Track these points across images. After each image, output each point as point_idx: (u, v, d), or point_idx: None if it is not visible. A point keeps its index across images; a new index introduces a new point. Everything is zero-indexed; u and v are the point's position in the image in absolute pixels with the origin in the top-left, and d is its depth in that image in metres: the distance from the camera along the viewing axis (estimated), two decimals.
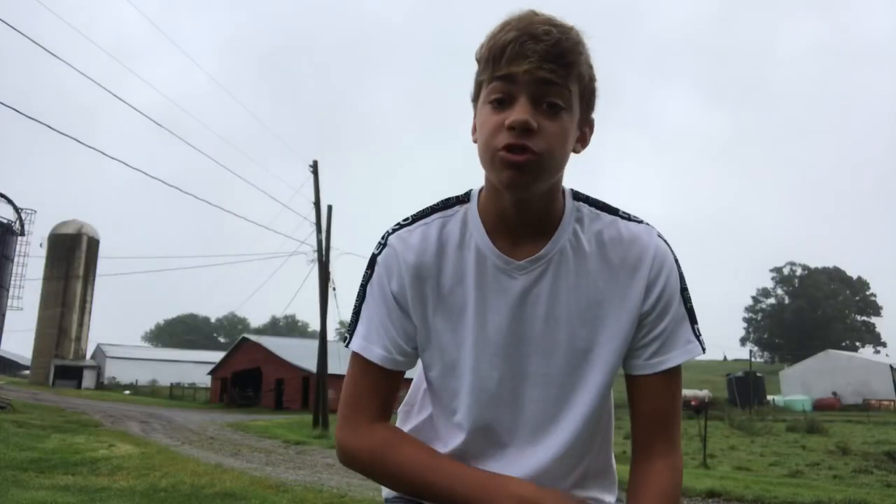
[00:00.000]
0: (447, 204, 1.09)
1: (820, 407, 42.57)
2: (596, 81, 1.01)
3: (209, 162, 17.68)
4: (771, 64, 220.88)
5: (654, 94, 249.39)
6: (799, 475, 10.64)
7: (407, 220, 1.10)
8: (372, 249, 1.11)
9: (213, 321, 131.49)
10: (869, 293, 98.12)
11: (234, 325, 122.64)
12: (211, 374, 47.30)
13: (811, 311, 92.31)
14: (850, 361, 52.38)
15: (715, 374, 72.01)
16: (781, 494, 7.77)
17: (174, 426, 19.23)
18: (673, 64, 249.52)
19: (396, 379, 1.11)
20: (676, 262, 1.06)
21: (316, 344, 22.48)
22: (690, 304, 1.07)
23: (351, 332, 1.10)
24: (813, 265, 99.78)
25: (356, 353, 1.08)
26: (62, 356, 59.98)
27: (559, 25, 0.92)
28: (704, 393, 41.98)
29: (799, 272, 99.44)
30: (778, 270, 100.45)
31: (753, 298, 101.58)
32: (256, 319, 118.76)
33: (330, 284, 20.89)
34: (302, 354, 36.10)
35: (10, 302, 30.22)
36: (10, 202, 27.88)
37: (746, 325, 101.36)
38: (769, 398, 44.00)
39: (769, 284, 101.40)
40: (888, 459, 12.78)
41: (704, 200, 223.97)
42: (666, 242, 1.06)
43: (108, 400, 37.15)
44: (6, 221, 27.40)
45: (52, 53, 11.22)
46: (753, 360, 63.56)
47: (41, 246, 50.16)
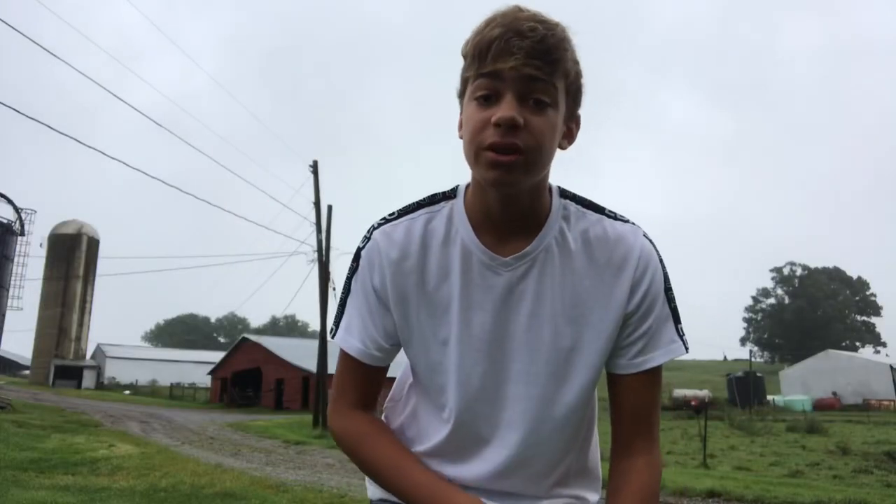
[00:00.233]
0: (433, 199, 1.09)
1: (820, 407, 42.56)
2: (582, 77, 1.00)
3: (209, 162, 17.69)
4: (771, 64, 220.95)
5: (654, 93, 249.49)
6: (799, 475, 10.64)
7: (393, 214, 1.10)
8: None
9: (213, 321, 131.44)
10: (869, 293, 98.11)
11: (234, 325, 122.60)
12: (211, 374, 47.27)
13: (811, 311, 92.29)
14: (850, 361, 52.35)
15: (715, 374, 71.98)
16: (781, 494, 7.78)
17: (174, 426, 19.23)
18: (674, 64, 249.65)
19: (377, 372, 1.13)
20: (661, 262, 1.06)
21: (316, 344, 22.50)
22: (674, 303, 1.07)
23: (336, 323, 1.13)
24: (813, 265, 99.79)
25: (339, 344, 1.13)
26: (62, 356, 59.97)
27: (545, 21, 0.92)
28: (704, 393, 41.96)
29: (799, 272, 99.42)
30: (778, 270, 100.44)
31: (753, 298, 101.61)
32: (256, 319, 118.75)
33: (330, 284, 20.89)
34: (302, 354, 36.08)
35: (10, 302, 30.20)
36: (10, 202, 27.88)
37: (746, 325, 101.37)
38: (769, 398, 43.97)
39: (769, 284, 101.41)
40: (888, 459, 12.77)
41: (704, 200, 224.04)
42: (651, 242, 1.06)
43: (108, 400, 37.14)
44: (6, 221, 27.40)
45: (52, 53, 11.24)
46: (753, 360, 63.53)
47: (41, 246, 50.16)
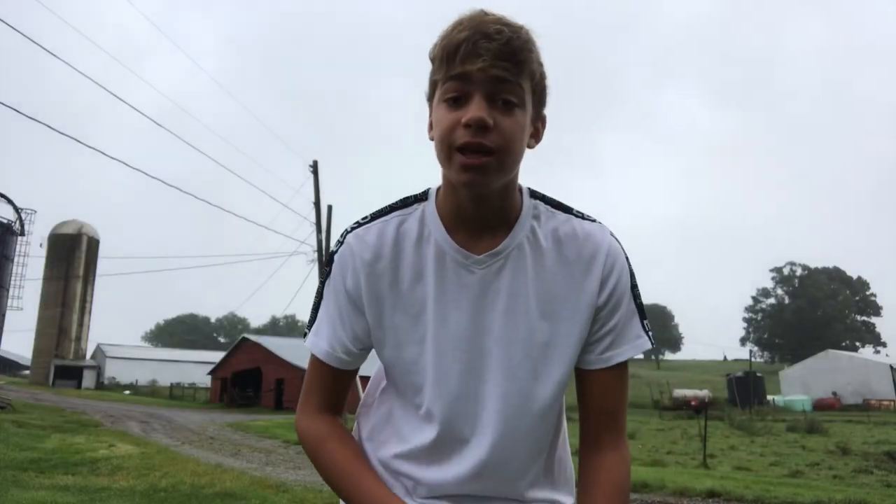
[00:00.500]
0: (406, 202, 1.11)
1: (820, 407, 42.59)
2: (546, 78, 1.03)
3: (209, 162, 17.69)
4: (773, 65, 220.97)
5: (656, 94, 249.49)
6: (799, 475, 10.65)
7: (365, 218, 1.11)
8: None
9: (213, 321, 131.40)
10: (869, 293, 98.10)
11: (234, 325, 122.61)
12: (211, 374, 47.22)
13: (811, 311, 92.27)
14: (850, 361, 52.37)
15: (715, 374, 72.01)
16: (781, 494, 7.78)
17: (174, 426, 19.23)
18: (674, 64, 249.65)
19: (344, 376, 1.14)
20: (627, 259, 1.10)
21: None
22: (640, 300, 1.10)
23: (308, 327, 1.14)
24: (813, 265, 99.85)
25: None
26: (62, 356, 59.97)
27: (510, 24, 0.94)
28: (704, 393, 41.97)
29: (799, 272, 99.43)
30: (778, 270, 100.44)
31: (753, 298, 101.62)
32: (256, 319, 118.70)
33: None
34: (302, 354, 35.93)
35: (10, 302, 30.20)
36: (10, 202, 27.88)
37: (746, 325, 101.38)
38: (769, 398, 44.00)
39: (769, 284, 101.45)
40: (888, 459, 12.78)
41: (705, 200, 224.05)
42: (618, 241, 1.10)
43: (108, 400, 37.14)
44: (6, 221, 27.40)
45: (52, 53, 11.24)
46: (753, 360, 63.53)
47: (41, 246, 50.18)
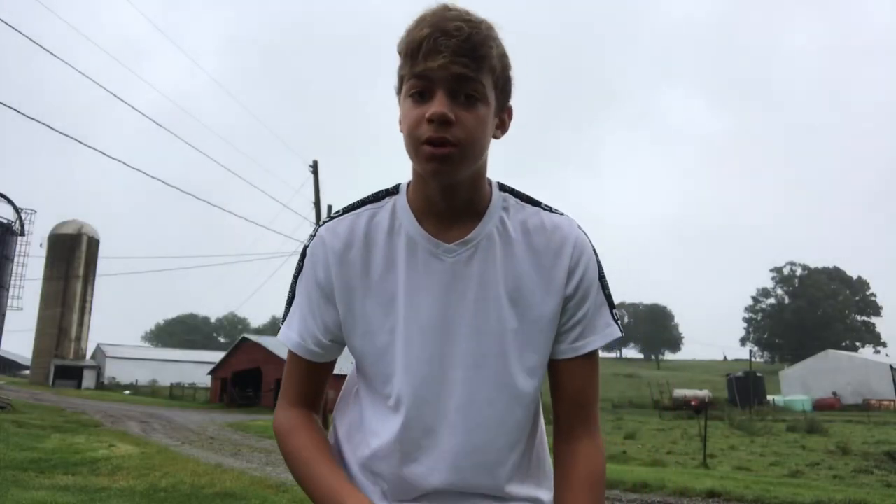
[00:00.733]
0: (377, 196, 1.13)
1: (820, 407, 42.60)
2: (511, 70, 1.05)
3: (209, 162, 17.69)
4: (773, 64, 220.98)
5: (656, 93, 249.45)
6: (799, 475, 10.65)
7: (338, 212, 1.13)
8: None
9: (213, 321, 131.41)
10: (869, 293, 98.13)
11: (234, 325, 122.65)
12: (211, 374, 47.23)
13: (811, 311, 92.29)
14: (850, 361, 52.39)
15: (715, 374, 72.05)
16: (781, 494, 7.78)
17: (174, 426, 19.23)
18: (675, 63, 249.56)
19: (318, 370, 1.14)
20: (595, 252, 1.12)
21: None
22: (608, 291, 1.13)
23: (283, 321, 1.15)
24: (813, 265, 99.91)
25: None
26: (62, 356, 59.98)
27: (469, 21, 0.96)
28: (704, 393, 41.99)
29: (799, 272, 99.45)
30: (778, 270, 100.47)
31: (753, 298, 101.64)
32: (256, 319, 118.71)
33: None
34: None
35: (10, 302, 30.21)
36: (10, 202, 27.89)
37: (746, 325, 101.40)
38: (769, 398, 44.00)
39: (769, 284, 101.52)
40: (888, 459, 12.78)
41: (705, 200, 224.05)
42: (585, 234, 1.12)
43: (108, 400, 37.15)
44: (6, 221, 27.41)
45: (52, 54, 11.24)
46: (753, 360, 63.54)
47: (41, 246, 50.22)
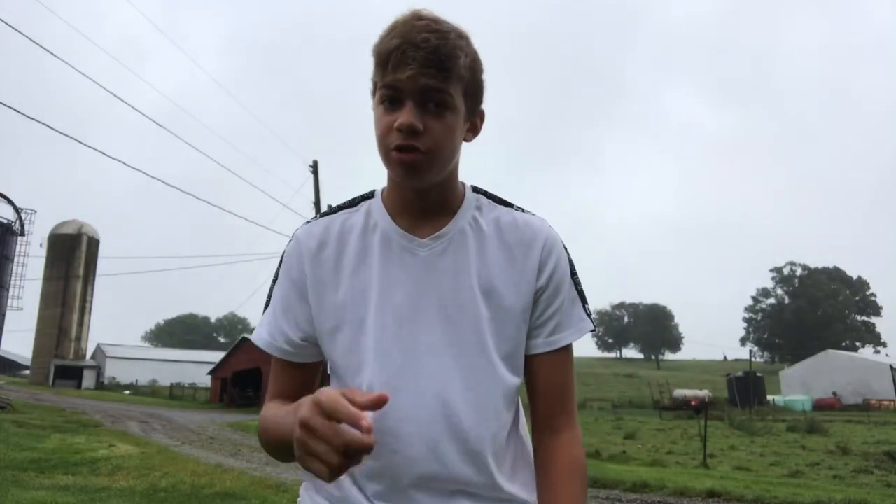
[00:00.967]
0: (353, 202, 1.17)
1: (820, 407, 42.57)
2: (482, 74, 1.06)
3: (209, 162, 17.68)
4: (774, 64, 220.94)
5: (657, 92, 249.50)
6: (799, 475, 10.65)
7: (315, 217, 1.17)
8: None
9: (213, 321, 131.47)
10: (869, 293, 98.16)
11: (234, 325, 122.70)
12: (211, 374, 47.24)
13: (811, 311, 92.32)
14: (850, 361, 52.37)
15: (715, 374, 72.08)
16: (781, 494, 7.79)
17: (174, 426, 19.24)
18: (676, 62, 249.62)
19: (298, 370, 1.15)
20: (566, 249, 1.15)
21: None
22: (581, 287, 1.15)
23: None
24: (813, 265, 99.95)
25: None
26: (62, 356, 59.98)
27: (437, 31, 0.97)
28: (704, 393, 41.96)
29: (799, 272, 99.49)
30: (778, 270, 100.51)
31: (753, 298, 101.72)
32: (256, 319, 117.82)
33: None
34: None
35: (10, 302, 30.23)
36: (10, 202, 27.91)
37: (746, 325, 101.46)
38: (769, 398, 43.98)
39: (769, 284, 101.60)
40: (888, 459, 12.78)
41: (705, 200, 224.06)
42: (556, 233, 1.15)
43: (108, 400, 37.15)
44: (6, 221, 27.44)
45: (52, 54, 11.23)
46: (753, 360, 63.54)
47: (41, 246, 50.25)
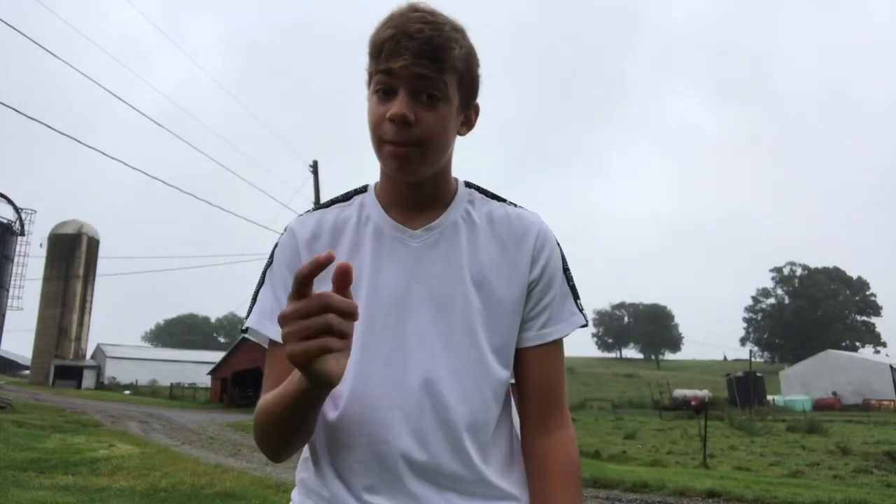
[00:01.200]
0: (346, 196, 1.17)
1: (820, 407, 42.56)
2: (478, 68, 1.06)
3: (209, 162, 17.67)
4: (774, 64, 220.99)
5: (656, 93, 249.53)
6: (799, 475, 10.65)
7: (309, 210, 1.17)
8: None
9: (213, 321, 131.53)
10: (869, 293, 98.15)
11: (234, 325, 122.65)
12: (211, 374, 47.23)
13: (811, 311, 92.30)
14: (850, 361, 52.37)
15: (715, 374, 72.07)
16: (781, 494, 7.79)
17: (174, 426, 19.23)
18: (676, 64, 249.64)
19: (286, 363, 1.06)
20: (558, 244, 1.15)
21: None
22: (573, 282, 1.15)
23: (247, 314, 1.16)
24: (813, 265, 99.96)
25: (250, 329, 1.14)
26: (62, 356, 59.96)
27: (433, 22, 0.98)
28: (704, 393, 41.95)
29: (799, 272, 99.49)
30: (778, 270, 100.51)
31: (753, 298, 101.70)
32: None
33: None
34: None
35: (10, 302, 30.24)
36: (10, 202, 27.92)
37: (746, 325, 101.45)
38: (769, 398, 43.97)
39: (769, 284, 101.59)
40: (888, 459, 12.78)
41: (705, 200, 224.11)
42: (549, 227, 1.15)
43: (108, 400, 37.14)
44: (6, 221, 27.45)
45: (53, 54, 11.22)
46: (753, 360, 63.53)
47: (41, 246, 50.29)
